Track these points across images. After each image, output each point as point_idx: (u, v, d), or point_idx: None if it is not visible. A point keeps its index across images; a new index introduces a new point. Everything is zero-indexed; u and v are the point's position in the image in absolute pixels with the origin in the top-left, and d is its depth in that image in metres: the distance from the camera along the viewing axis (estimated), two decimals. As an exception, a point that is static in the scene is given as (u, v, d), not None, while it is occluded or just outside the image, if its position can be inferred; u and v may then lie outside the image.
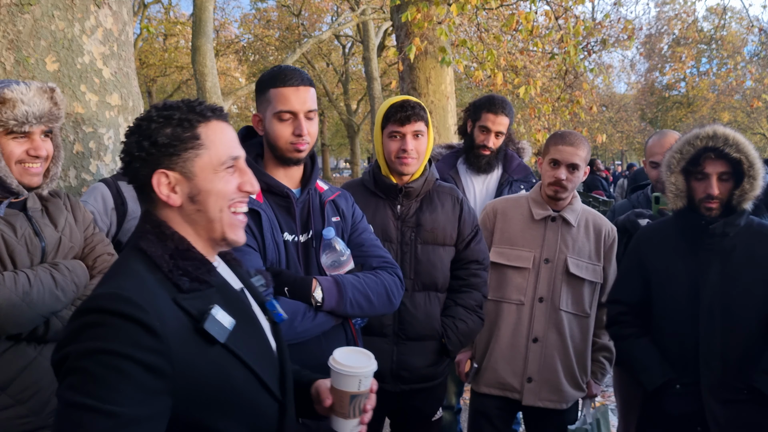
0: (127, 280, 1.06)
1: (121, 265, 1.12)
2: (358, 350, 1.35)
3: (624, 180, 5.19)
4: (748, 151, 1.93)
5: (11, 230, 1.63)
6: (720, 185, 1.97)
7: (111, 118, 2.57)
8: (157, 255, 1.11)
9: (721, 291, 1.97)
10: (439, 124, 6.78)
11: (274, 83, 1.74)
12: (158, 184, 1.13)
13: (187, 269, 1.12)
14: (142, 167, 1.13)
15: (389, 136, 2.15)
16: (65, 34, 2.37)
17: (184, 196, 1.14)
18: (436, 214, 2.20)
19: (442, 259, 2.20)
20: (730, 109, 25.83)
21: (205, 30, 9.46)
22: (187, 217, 1.16)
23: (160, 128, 1.13)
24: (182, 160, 1.13)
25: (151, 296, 1.04)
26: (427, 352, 2.17)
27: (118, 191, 2.23)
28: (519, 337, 2.29)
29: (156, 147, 1.12)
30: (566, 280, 2.28)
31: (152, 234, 1.13)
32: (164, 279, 1.10)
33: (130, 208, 2.23)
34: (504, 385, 2.32)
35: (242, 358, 1.13)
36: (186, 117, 1.14)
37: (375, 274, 1.80)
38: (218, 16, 23.19)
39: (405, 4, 6.50)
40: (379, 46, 19.19)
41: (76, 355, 0.97)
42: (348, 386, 1.28)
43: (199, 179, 1.14)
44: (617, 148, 34.49)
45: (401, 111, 2.11)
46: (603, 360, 2.38)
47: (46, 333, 1.63)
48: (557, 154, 2.26)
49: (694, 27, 17.04)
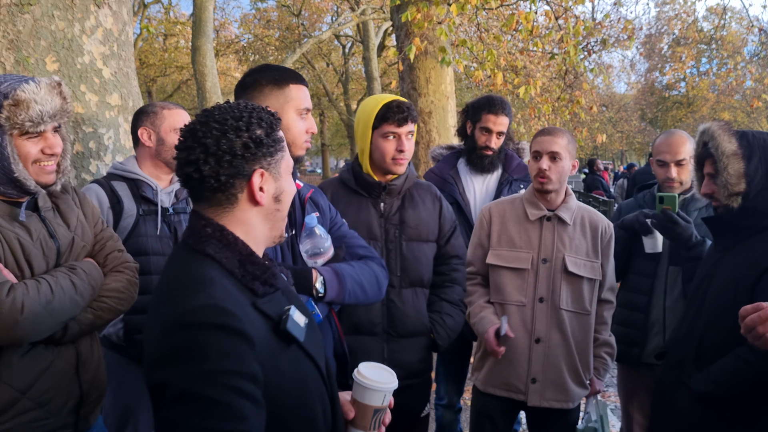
0: (215, 289, 1.04)
1: (197, 272, 1.08)
2: (380, 366, 1.37)
3: (624, 180, 5.20)
4: (718, 144, 1.87)
5: (27, 233, 1.62)
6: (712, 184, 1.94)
7: (111, 118, 2.57)
8: (227, 261, 1.11)
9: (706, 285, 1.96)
10: (439, 124, 6.78)
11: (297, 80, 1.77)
12: (256, 183, 1.14)
13: (257, 273, 1.13)
14: (244, 165, 1.12)
15: (383, 136, 2.15)
16: (65, 34, 2.37)
17: (270, 195, 1.17)
18: (418, 211, 2.24)
19: (426, 255, 2.24)
20: (730, 109, 25.83)
21: (205, 30, 9.46)
22: (265, 217, 1.18)
23: (256, 128, 1.14)
24: (275, 160, 1.17)
25: (241, 304, 1.05)
26: (418, 348, 2.21)
27: (112, 190, 2.24)
28: (521, 339, 2.29)
29: (259, 146, 1.14)
30: (565, 278, 2.28)
31: (215, 239, 1.12)
32: (239, 285, 1.10)
33: (126, 206, 2.23)
34: (508, 386, 2.32)
35: (312, 356, 1.16)
36: (273, 119, 1.18)
37: (365, 263, 1.82)
38: (218, 16, 23.20)
39: (405, 4, 6.50)
40: (379, 46, 19.19)
41: (189, 379, 0.95)
42: (373, 401, 1.30)
43: (282, 179, 1.19)
44: (617, 148, 34.51)
45: (399, 112, 2.12)
46: (605, 356, 2.39)
47: (63, 336, 1.64)
48: (537, 146, 2.30)
49: (694, 27, 17.04)
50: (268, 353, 1.04)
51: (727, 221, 1.92)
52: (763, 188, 1.83)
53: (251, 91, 1.75)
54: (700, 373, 1.85)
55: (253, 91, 1.75)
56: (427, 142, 6.79)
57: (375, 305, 2.16)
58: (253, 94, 1.75)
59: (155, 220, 2.27)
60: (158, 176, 2.35)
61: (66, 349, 1.66)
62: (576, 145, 2.37)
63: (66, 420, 1.64)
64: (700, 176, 2.01)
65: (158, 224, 2.27)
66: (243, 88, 1.77)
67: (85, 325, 1.68)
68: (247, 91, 1.75)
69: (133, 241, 2.21)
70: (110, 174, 2.32)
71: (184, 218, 2.34)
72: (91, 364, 1.75)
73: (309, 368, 1.15)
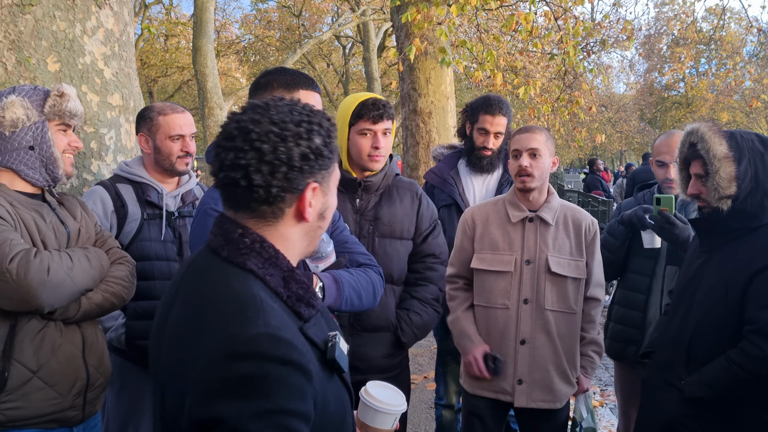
0: (270, 315, 0.93)
1: (243, 292, 0.96)
2: (387, 385, 1.31)
3: (623, 180, 5.21)
4: (710, 147, 1.84)
5: (41, 218, 1.73)
6: (699, 185, 1.91)
7: (112, 119, 2.58)
8: (272, 279, 0.99)
9: (693, 286, 1.95)
10: (439, 125, 6.79)
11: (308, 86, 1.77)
12: (308, 198, 1.01)
13: (300, 294, 1.02)
14: (299, 178, 0.99)
15: (360, 133, 2.18)
16: (66, 35, 2.38)
17: (316, 211, 1.05)
18: (394, 209, 2.26)
19: (398, 252, 2.26)
20: (729, 110, 25.86)
21: (206, 31, 9.48)
22: (306, 233, 1.06)
23: (316, 136, 1.01)
24: (329, 173, 1.05)
25: (294, 332, 0.95)
26: (382, 343, 2.22)
27: (117, 193, 2.23)
28: (507, 341, 2.30)
29: (319, 157, 1.01)
30: (549, 279, 2.28)
31: (256, 252, 1.00)
32: (285, 307, 0.99)
33: (130, 210, 2.23)
34: (495, 387, 2.33)
35: (349, 385, 1.08)
36: (330, 127, 1.05)
37: (365, 271, 1.83)
38: (219, 16, 23.19)
39: (405, 5, 6.52)
40: (379, 47, 19.21)
41: (248, 417, 0.86)
42: (384, 424, 1.24)
43: (330, 194, 1.08)
44: (616, 148, 34.53)
45: (374, 109, 2.15)
46: (592, 354, 2.39)
47: (77, 312, 1.72)
48: (516, 144, 2.30)
49: (693, 27, 17.04)
50: (320, 386, 0.95)
51: (715, 223, 1.90)
52: (752, 190, 1.82)
53: (263, 93, 1.76)
54: (690, 375, 1.86)
55: (264, 93, 1.76)
56: (427, 143, 6.80)
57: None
58: (264, 95, 1.76)
59: (159, 225, 2.27)
60: (163, 180, 2.34)
61: (73, 333, 1.75)
62: (554, 142, 2.37)
63: (74, 401, 1.73)
64: (685, 176, 2.00)
65: (162, 229, 2.27)
66: (257, 88, 1.79)
67: (95, 304, 1.76)
68: (259, 92, 1.77)
69: (137, 245, 2.21)
70: (116, 176, 2.32)
71: (189, 222, 2.33)
72: (96, 349, 1.82)
73: (347, 399, 1.07)
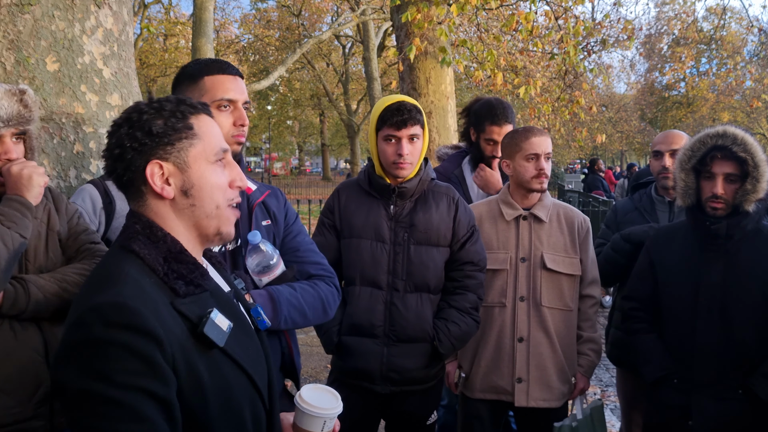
0: (126, 286, 1.01)
1: (114, 268, 1.06)
2: (326, 389, 1.33)
3: (624, 180, 5.20)
4: (755, 152, 1.95)
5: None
6: (726, 186, 1.99)
7: (111, 118, 2.57)
8: (151, 258, 1.08)
9: (721, 292, 2.00)
10: (439, 125, 6.78)
11: (210, 71, 1.69)
12: (152, 175, 1.10)
13: (182, 272, 1.09)
14: (135, 158, 1.10)
15: (385, 139, 2.12)
16: (65, 35, 2.37)
17: (177, 188, 1.12)
18: (429, 215, 2.17)
19: (435, 260, 2.17)
20: (730, 109, 25.84)
21: (205, 30, 9.47)
22: (179, 212, 1.13)
23: (153, 119, 1.11)
24: (176, 150, 1.11)
25: (153, 303, 1.01)
26: (418, 355, 2.14)
27: (105, 191, 2.23)
28: (504, 339, 2.30)
29: (150, 137, 1.10)
30: (545, 276, 2.29)
31: (143, 235, 1.10)
32: (160, 283, 1.07)
33: (118, 206, 2.22)
34: (496, 388, 2.32)
35: (240, 362, 1.12)
36: (178, 108, 1.13)
37: (312, 285, 1.74)
38: (218, 16, 23.21)
39: (405, 5, 6.50)
40: (379, 47, 19.20)
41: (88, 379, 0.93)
42: (312, 427, 1.26)
43: (192, 171, 1.13)
44: (617, 148, 34.51)
45: (398, 115, 2.07)
46: (589, 352, 2.38)
47: (27, 304, 1.56)
48: (536, 148, 2.30)
49: (693, 27, 17.05)
50: (182, 355, 1.01)
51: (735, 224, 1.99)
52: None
53: (175, 89, 1.74)
54: (751, 378, 1.94)
55: (175, 89, 1.74)
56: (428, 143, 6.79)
57: (377, 308, 2.13)
58: (176, 91, 1.73)
59: None
60: None
61: (31, 335, 1.59)
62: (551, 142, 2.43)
63: (37, 411, 1.57)
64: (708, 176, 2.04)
65: None
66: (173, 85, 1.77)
67: (51, 294, 1.60)
68: (175, 89, 1.75)
69: None
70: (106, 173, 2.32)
71: None
72: None
73: (234, 374, 1.10)
